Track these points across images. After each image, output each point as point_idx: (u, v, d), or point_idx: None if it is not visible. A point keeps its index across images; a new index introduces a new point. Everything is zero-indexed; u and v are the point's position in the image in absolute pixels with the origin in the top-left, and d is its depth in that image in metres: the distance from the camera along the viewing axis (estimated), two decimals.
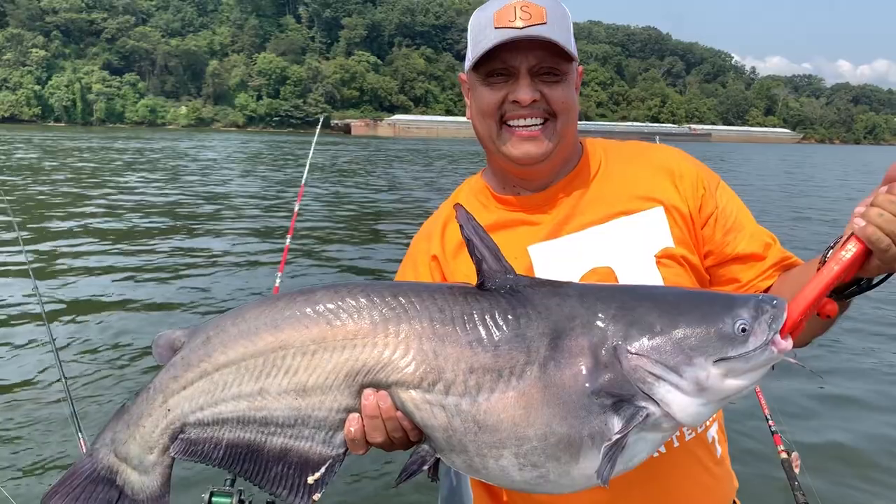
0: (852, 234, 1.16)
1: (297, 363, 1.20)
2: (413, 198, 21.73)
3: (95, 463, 1.29)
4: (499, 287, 1.20)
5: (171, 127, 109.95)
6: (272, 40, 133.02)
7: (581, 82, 1.56)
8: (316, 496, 1.22)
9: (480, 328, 1.16)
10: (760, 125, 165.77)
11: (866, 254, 1.16)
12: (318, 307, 1.20)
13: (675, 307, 1.17)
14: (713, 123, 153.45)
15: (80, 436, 2.79)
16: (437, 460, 1.21)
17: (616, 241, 1.48)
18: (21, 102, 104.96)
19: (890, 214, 1.11)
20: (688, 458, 1.51)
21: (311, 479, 1.22)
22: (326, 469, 1.22)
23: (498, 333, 1.15)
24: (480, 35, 1.45)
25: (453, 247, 1.54)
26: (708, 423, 1.53)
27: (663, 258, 1.47)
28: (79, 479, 1.29)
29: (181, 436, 1.26)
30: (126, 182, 23.46)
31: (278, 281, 4.10)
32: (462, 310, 1.18)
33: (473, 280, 1.25)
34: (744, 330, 1.12)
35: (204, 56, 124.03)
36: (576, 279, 1.45)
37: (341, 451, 1.22)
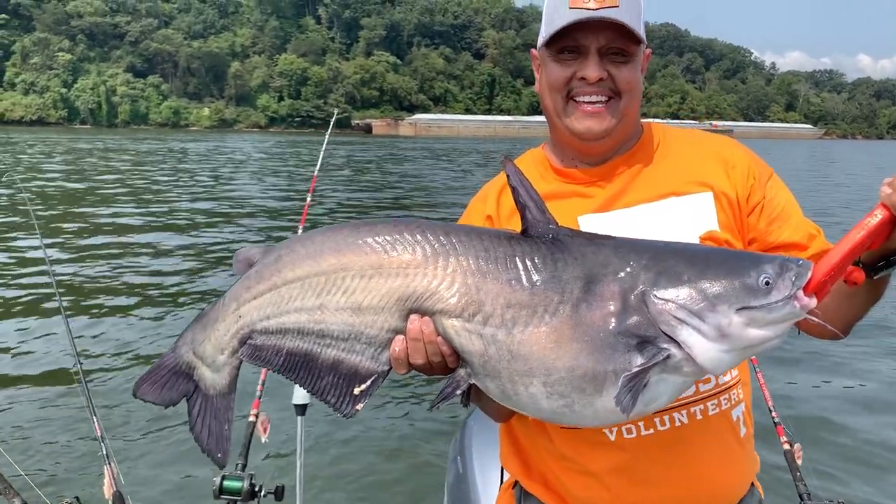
0: (881, 203, 1.22)
1: (355, 285, 1.31)
2: (438, 191, 22.18)
3: (177, 358, 1.45)
4: (541, 234, 1.30)
5: (194, 128, 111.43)
6: (292, 41, 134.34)
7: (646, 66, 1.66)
8: (359, 406, 1.34)
9: (520, 268, 1.26)
10: (782, 121, 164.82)
11: (893, 221, 1.22)
12: (377, 237, 1.32)
13: (704, 260, 1.25)
14: (734, 120, 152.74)
15: (95, 418, 2.90)
16: (470, 388, 1.32)
17: (663, 220, 1.55)
18: (48, 105, 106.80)
19: None
20: (711, 431, 1.57)
21: (357, 391, 1.33)
22: (371, 382, 1.33)
23: (536, 274, 1.25)
24: (555, 13, 1.51)
25: (508, 211, 1.62)
26: (734, 401, 1.61)
27: (707, 240, 1.54)
28: (164, 371, 1.46)
29: (249, 341, 1.40)
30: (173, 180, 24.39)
31: None
32: (505, 251, 1.28)
33: None
34: (767, 283, 1.19)
35: (226, 58, 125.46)
36: None
37: (386, 368, 1.33)
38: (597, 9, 1.47)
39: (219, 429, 1.45)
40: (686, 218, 1.56)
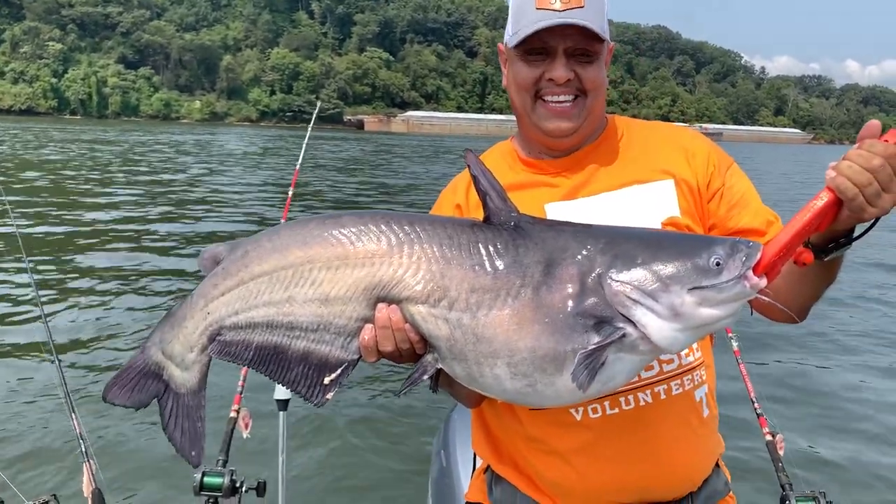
0: (826, 186, 1.28)
1: (322, 276, 1.34)
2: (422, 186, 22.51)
3: (146, 359, 1.46)
4: (503, 222, 1.35)
5: (185, 121, 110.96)
6: (285, 36, 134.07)
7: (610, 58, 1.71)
8: (329, 395, 1.37)
9: (483, 254, 1.31)
10: (771, 125, 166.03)
11: (838, 204, 1.27)
12: (343, 229, 1.35)
13: (658, 243, 1.31)
14: (723, 123, 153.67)
15: (74, 415, 2.88)
16: (437, 372, 1.36)
17: (626, 207, 1.61)
18: (38, 95, 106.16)
19: (857, 166, 1.23)
20: (674, 411, 1.61)
21: (327, 380, 1.37)
22: (341, 371, 1.37)
23: (498, 259, 1.30)
24: (521, 12, 1.56)
25: (476, 201, 1.60)
26: (697, 382, 1.65)
27: (668, 226, 1.59)
28: (132, 373, 1.47)
29: (218, 337, 1.41)
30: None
31: None
32: (468, 238, 1.33)
33: None
34: (717, 264, 1.24)
35: (218, 51, 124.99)
36: None
37: (356, 356, 1.37)
38: (563, 10, 1.50)
39: (191, 428, 1.45)
40: (648, 205, 1.61)
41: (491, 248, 1.32)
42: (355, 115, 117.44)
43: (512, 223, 1.35)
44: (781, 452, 2.74)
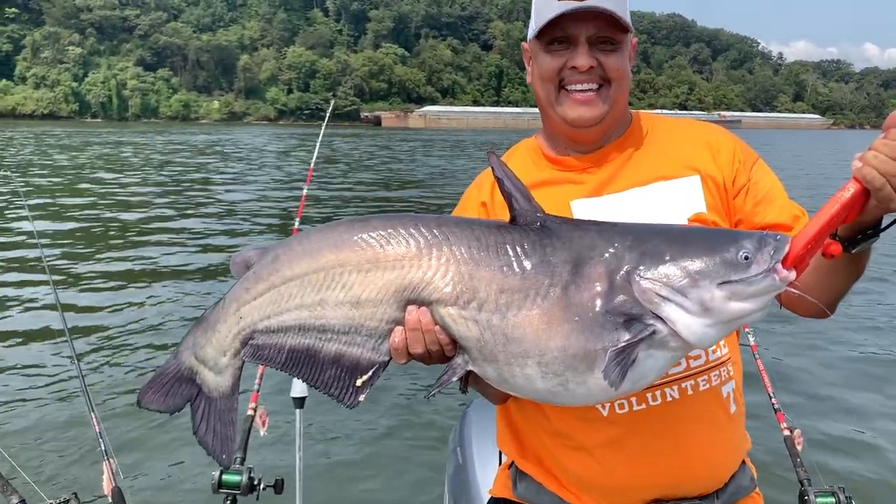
0: (853, 176, 1.27)
1: (354, 279, 1.36)
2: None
3: (179, 364, 1.48)
4: (529, 222, 1.36)
5: (204, 121, 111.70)
6: (301, 34, 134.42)
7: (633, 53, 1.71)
8: (362, 397, 1.38)
9: (511, 255, 1.32)
10: (790, 111, 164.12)
11: (865, 195, 1.26)
12: (373, 232, 1.36)
13: (685, 239, 1.30)
14: (741, 110, 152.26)
15: (93, 414, 2.88)
16: (468, 374, 1.37)
17: (652, 204, 1.61)
18: (59, 99, 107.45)
19: (884, 156, 1.23)
20: (701, 407, 1.61)
21: (359, 382, 1.38)
22: (373, 373, 1.38)
23: (526, 260, 1.31)
24: (544, 5, 1.56)
25: (502, 200, 1.61)
26: (724, 378, 1.65)
27: (695, 222, 1.59)
28: (166, 378, 1.49)
29: (251, 341, 1.43)
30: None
31: None
32: (496, 239, 1.34)
33: None
34: (746, 258, 1.24)
35: (234, 51, 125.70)
36: None
37: (386, 358, 1.38)
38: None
39: (223, 430, 1.47)
40: (674, 201, 1.61)
41: (518, 249, 1.32)
42: (372, 111, 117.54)
43: (538, 223, 1.35)
44: (800, 448, 2.73)
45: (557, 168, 1.70)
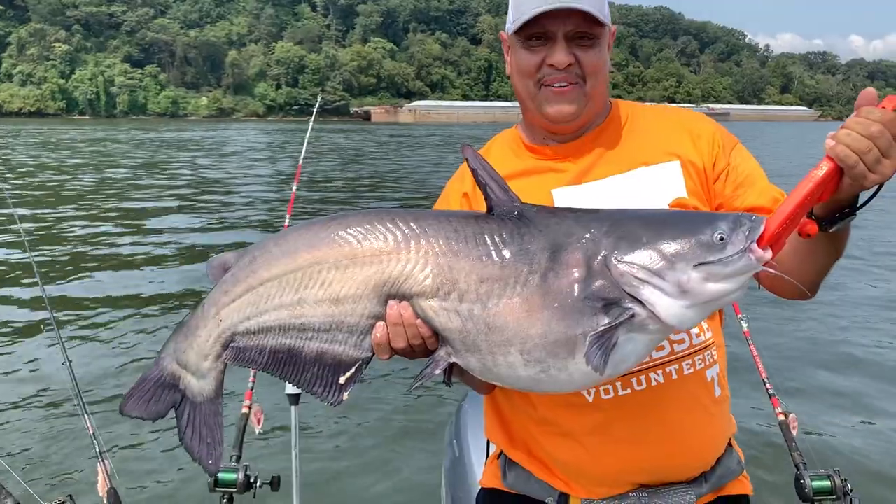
0: (826, 155, 1.28)
1: (332, 276, 1.36)
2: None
3: (161, 370, 1.47)
4: (506, 212, 1.36)
5: (192, 118, 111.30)
6: (289, 29, 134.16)
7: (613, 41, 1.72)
8: (345, 394, 1.39)
9: (489, 245, 1.32)
10: (777, 103, 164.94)
11: (839, 173, 1.27)
12: (349, 229, 1.37)
13: (661, 222, 1.32)
14: (729, 102, 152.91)
15: (86, 415, 2.87)
16: (451, 367, 1.37)
17: (633, 190, 1.62)
18: (46, 97, 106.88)
19: (856, 133, 1.24)
20: (686, 391, 1.62)
21: (342, 379, 1.38)
22: (356, 370, 1.38)
23: (504, 249, 1.32)
24: (522, 1, 1.57)
25: None
26: (708, 362, 1.66)
27: (676, 206, 1.60)
28: (149, 385, 1.48)
29: (231, 344, 1.43)
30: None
31: None
32: (473, 230, 1.34)
33: None
34: (721, 239, 1.25)
35: (223, 47, 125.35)
36: None
37: (369, 354, 1.38)
38: None
39: (209, 435, 1.47)
40: (655, 186, 1.62)
41: (496, 238, 1.33)
42: (361, 106, 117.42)
43: (515, 212, 1.36)
44: (795, 432, 2.74)
45: (538, 157, 1.71)
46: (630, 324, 1.26)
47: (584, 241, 1.31)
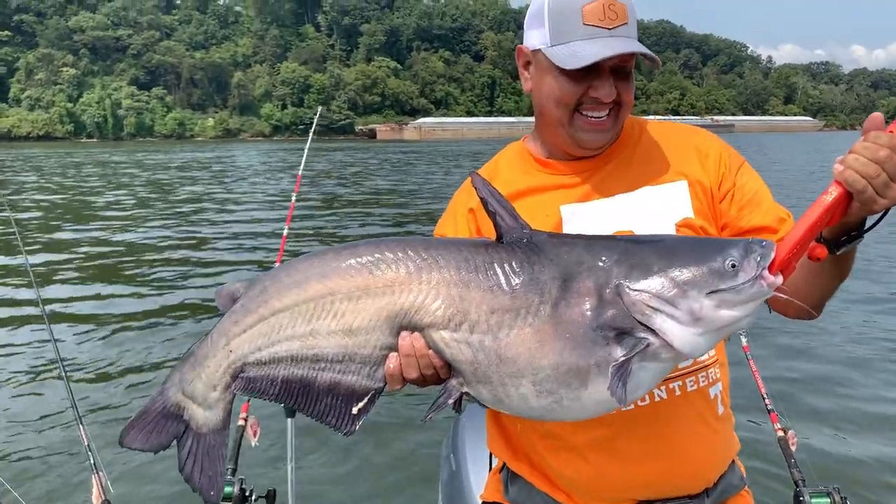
0: (835, 180, 1.28)
1: (344, 307, 1.35)
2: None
3: (165, 400, 1.45)
4: (515, 240, 1.35)
5: (199, 139, 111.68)
6: (293, 50, 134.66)
7: None
8: (358, 424, 1.39)
9: (500, 274, 1.31)
10: (781, 114, 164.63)
11: (847, 197, 1.27)
12: (360, 259, 1.36)
13: (672, 250, 1.31)
14: (733, 114, 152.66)
15: (81, 427, 2.88)
16: (461, 395, 1.37)
17: (641, 209, 1.62)
18: (54, 120, 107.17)
19: (864, 158, 1.24)
20: (689, 408, 1.63)
21: (355, 410, 1.38)
22: (368, 400, 1.38)
23: (515, 278, 1.31)
24: (565, 24, 1.53)
25: None
26: (712, 380, 1.67)
27: (682, 227, 1.61)
28: (151, 416, 1.45)
29: (242, 374, 1.42)
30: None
31: None
32: (484, 259, 1.33)
33: None
34: (733, 266, 1.25)
35: (228, 68, 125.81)
36: None
37: (381, 384, 1.38)
38: (612, 27, 1.51)
39: (211, 467, 1.45)
40: (663, 206, 1.62)
41: (507, 268, 1.32)
42: (366, 124, 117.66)
43: (525, 240, 1.36)
44: (794, 448, 2.75)
45: (548, 172, 1.70)
46: (643, 353, 1.26)
47: (594, 269, 1.30)
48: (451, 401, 1.36)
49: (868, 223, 1.36)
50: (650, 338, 1.25)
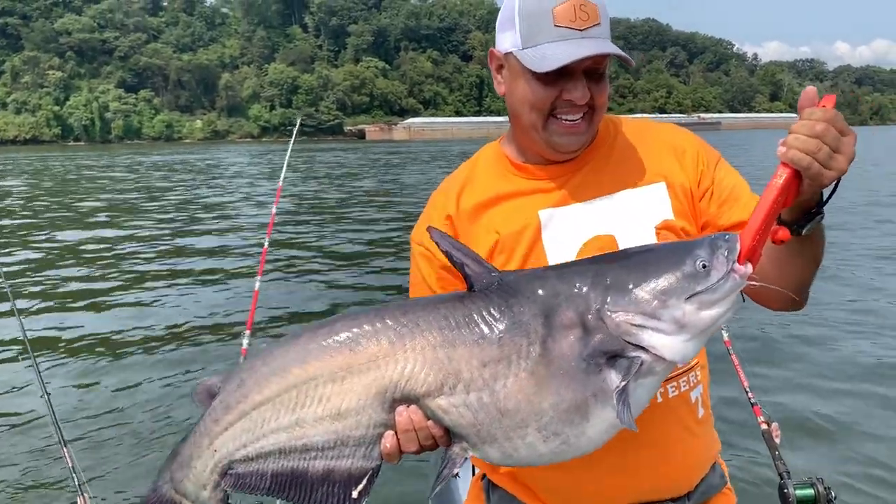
0: (781, 162, 1.29)
1: (329, 390, 1.29)
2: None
3: (160, 497, 1.41)
4: (487, 286, 1.32)
5: (187, 141, 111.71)
6: (281, 51, 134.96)
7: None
8: None
9: (482, 325, 1.27)
10: (768, 111, 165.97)
11: (797, 176, 1.29)
12: (338, 337, 1.30)
13: (642, 263, 1.29)
14: (720, 111, 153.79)
15: (65, 448, 2.80)
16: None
17: (620, 212, 1.60)
18: (41, 124, 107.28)
19: (803, 136, 1.25)
20: (670, 413, 1.62)
21: (355, 493, 1.31)
22: (367, 481, 1.32)
23: (498, 325, 1.27)
24: (536, 26, 1.49)
25: (467, 212, 1.65)
26: (692, 383, 1.66)
27: (663, 229, 1.59)
28: None
29: (230, 472, 1.36)
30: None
31: (257, 285, 4.16)
32: (462, 313, 1.29)
33: (495, 235, 1.58)
34: (704, 266, 1.25)
35: (215, 69, 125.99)
36: (580, 245, 1.60)
37: (379, 462, 1.32)
38: (584, 28, 1.48)
39: None
40: (642, 208, 1.61)
41: (487, 316, 1.29)
42: (355, 125, 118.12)
43: (496, 283, 1.33)
44: (777, 441, 2.75)
45: (524, 176, 1.67)
46: (639, 371, 1.25)
47: (572, 298, 1.28)
48: (456, 469, 1.31)
49: (824, 198, 1.36)
50: (642, 355, 1.24)
